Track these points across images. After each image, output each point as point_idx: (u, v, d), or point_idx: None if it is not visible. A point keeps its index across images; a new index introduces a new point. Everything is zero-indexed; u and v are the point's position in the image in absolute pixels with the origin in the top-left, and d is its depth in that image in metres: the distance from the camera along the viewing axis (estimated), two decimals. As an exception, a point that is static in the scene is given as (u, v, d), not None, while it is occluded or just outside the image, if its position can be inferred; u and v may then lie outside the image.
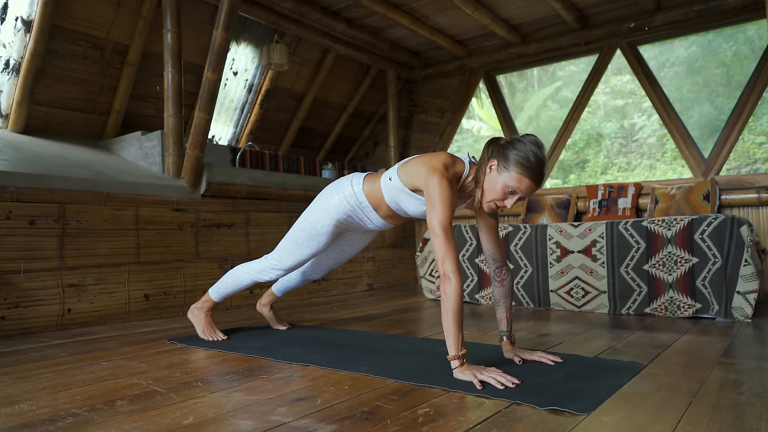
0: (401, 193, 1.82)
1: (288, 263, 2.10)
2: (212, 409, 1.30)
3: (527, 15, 4.09)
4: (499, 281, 1.83)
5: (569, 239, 3.04)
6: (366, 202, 1.93)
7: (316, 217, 1.99)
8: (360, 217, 1.99)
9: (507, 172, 1.59)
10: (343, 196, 1.94)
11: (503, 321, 1.81)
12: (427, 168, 1.65)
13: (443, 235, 1.56)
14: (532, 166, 1.58)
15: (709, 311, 2.62)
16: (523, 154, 1.58)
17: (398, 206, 1.88)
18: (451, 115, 5.01)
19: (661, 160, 4.83)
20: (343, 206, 1.95)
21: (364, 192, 1.92)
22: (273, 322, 2.51)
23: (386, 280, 4.57)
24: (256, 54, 4.25)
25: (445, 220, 1.58)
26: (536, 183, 1.61)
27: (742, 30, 3.92)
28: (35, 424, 1.22)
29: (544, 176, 1.63)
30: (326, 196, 2.00)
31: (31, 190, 2.54)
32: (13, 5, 3.05)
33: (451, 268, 1.54)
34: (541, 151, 1.60)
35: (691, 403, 1.29)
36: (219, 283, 2.27)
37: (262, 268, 2.16)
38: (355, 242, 2.28)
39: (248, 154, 4.07)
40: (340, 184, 1.98)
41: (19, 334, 2.44)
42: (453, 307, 1.52)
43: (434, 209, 1.60)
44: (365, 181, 1.94)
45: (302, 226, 2.04)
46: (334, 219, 1.97)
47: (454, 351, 1.52)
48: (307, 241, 2.03)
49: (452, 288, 1.52)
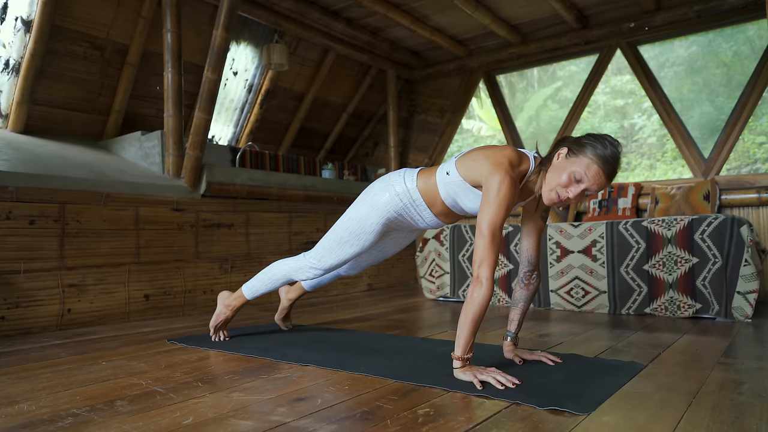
0: (460, 189, 1.69)
1: (329, 263, 1.96)
2: (212, 409, 1.30)
3: (527, 15, 4.09)
4: (526, 284, 1.78)
5: (569, 239, 3.04)
6: (420, 199, 1.78)
7: (364, 215, 1.84)
8: (411, 215, 1.84)
9: (577, 158, 1.50)
10: (395, 193, 1.79)
11: (514, 322, 1.78)
12: (491, 163, 1.55)
13: (490, 237, 1.49)
14: (606, 156, 1.48)
15: (709, 311, 2.62)
16: (600, 144, 1.49)
17: (455, 203, 1.76)
18: (451, 115, 5.01)
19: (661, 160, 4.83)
20: (394, 204, 1.80)
21: (418, 188, 1.77)
22: (282, 316, 2.44)
23: (386, 280, 4.57)
24: (256, 54, 4.25)
25: (496, 223, 1.50)
26: (608, 176, 1.50)
27: (742, 30, 3.91)
28: (35, 424, 1.22)
29: (616, 172, 1.52)
30: (374, 192, 1.84)
31: (31, 190, 2.54)
32: (13, 5, 3.05)
33: (486, 274, 1.47)
34: (618, 149, 1.51)
35: (691, 403, 1.29)
36: (254, 281, 2.15)
37: (300, 266, 2.02)
38: (400, 240, 2.12)
39: (248, 154, 4.07)
40: (391, 180, 1.83)
41: (19, 334, 2.44)
42: (476, 312, 1.48)
43: (489, 208, 1.51)
44: (419, 176, 1.79)
45: (348, 224, 1.87)
46: (384, 217, 1.82)
47: (461, 352, 1.50)
48: (352, 239, 1.87)
49: (481, 294, 1.47)
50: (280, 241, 3.70)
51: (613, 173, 1.51)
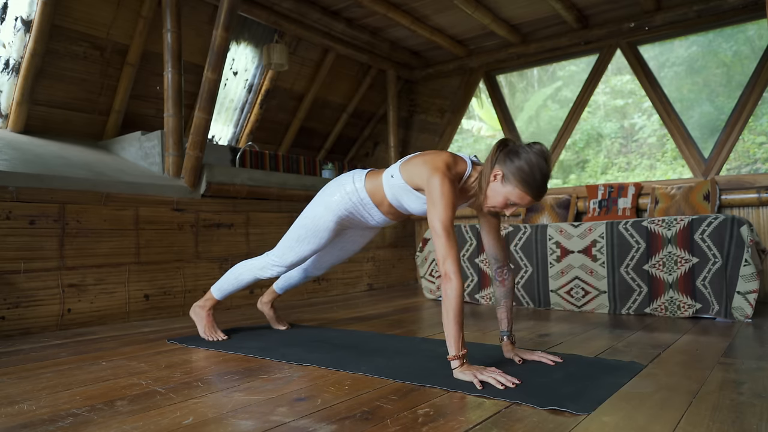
0: (403, 191, 1.81)
1: (289, 260, 2.10)
2: (212, 409, 1.30)
3: (527, 15, 4.09)
4: (501, 281, 1.83)
5: (569, 239, 3.04)
6: (368, 198, 1.93)
7: (318, 214, 1.99)
8: (362, 214, 1.99)
9: (510, 185, 1.59)
10: (345, 193, 1.94)
11: (504, 321, 1.81)
12: (429, 167, 1.65)
13: (444, 234, 1.56)
14: (536, 184, 1.57)
15: (709, 311, 2.62)
16: (528, 170, 1.56)
17: (400, 204, 1.88)
18: (451, 115, 5.01)
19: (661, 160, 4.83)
20: (344, 203, 1.95)
21: (366, 189, 1.92)
22: (273, 321, 2.51)
23: (386, 280, 4.57)
24: (256, 54, 4.25)
25: (446, 220, 1.57)
26: (537, 199, 1.61)
27: (742, 30, 3.92)
28: (35, 424, 1.22)
29: (546, 191, 1.63)
30: (328, 193, 2.00)
31: (31, 190, 2.54)
32: (13, 5, 3.05)
33: (452, 268, 1.54)
34: (547, 165, 1.59)
35: (691, 403, 1.29)
36: (221, 281, 2.27)
37: (264, 264, 2.16)
38: (357, 239, 2.28)
39: (248, 154, 4.07)
40: (342, 181, 1.98)
41: (19, 334, 2.44)
42: (453, 308, 1.52)
43: (435, 209, 1.59)
44: (367, 177, 1.94)
45: (304, 223, 2.03)
46: (336, 215, 1.97)
47: (454, 351, 1.52)
48: (309, 237, 2.03)
49: (453, 288, 1.52)
50: (280, 241, 3.70)
51: (543, 194, 1.62)
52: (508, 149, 1.63)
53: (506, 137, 1.66)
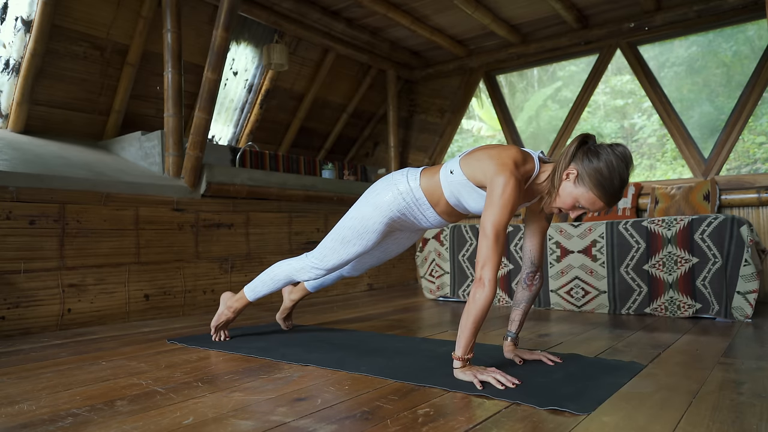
0: (463, 188, 1.67)
1: (331, 263, 1.94)
2: (212, 409, 1.30)
3: (527, 15, 4.09)
4: (529, 285, 1.77)
5: (569, 239, 3.04)
6: (423, 198, 1.76)
7: (366, 214, 1.82)
8: (415, 215, 1.82)
9: (584, 187, 1.49)
10: (398, 192, 1.77)
11: (515, 322, 1.78)
12: (496, 163, 1.52)
13: (494, 238, 1.48)
14: (612, 190, 1.48)
15: (709, 311, 2.62)
16: (607, 173, 1.46)
17: (458, 202, 1.74)
18: (451, 115, 5.01)
19: (661, 160, 4.83)
20: (397, 203, 1.78)
21: (422, 187, 1.76)
22: (283, 315, 2.43)
23: (386, 280, 4.57)
24: (256, 54, 4.25)
25: (500, 224, 1.48)
26: (610, 206, 1.52)
27: (742, 30, 3.91)
28: (35, 424, 1.22)
29: (620, 198, 1.52)
30: (377, 192, 1.82)
31: (31, 190, 2.54)
32: (13, 5, 3.05)
33: (489, 275, 1.46)
34: (628, 170, 1.48)
35: (691, 403, 1.29)
36: (255, 282, 2.14)
37: (302, 266, 2.01)
38: (403, 241, 2.10)
39: (248, 154, 4.07)
40: (394, 179, 1.81)
41: (19, 334, 2.44)
42: (477, 314, 1.47)
43: (493, 209, 1.49)
44: (422, 175, 1.77)
45: (350, 224, 1.86)
46: (387, 216, 1.80)
47: (461, 353, 1.50)
48: (355, 239, 1.86)
49: (484, 296, 1.46)
50: (280, 241, 3.70)
51: (617, 201, 1.52)
52: (588, 147, 1.52)
53: (587, 133, 1.55)
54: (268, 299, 3.53)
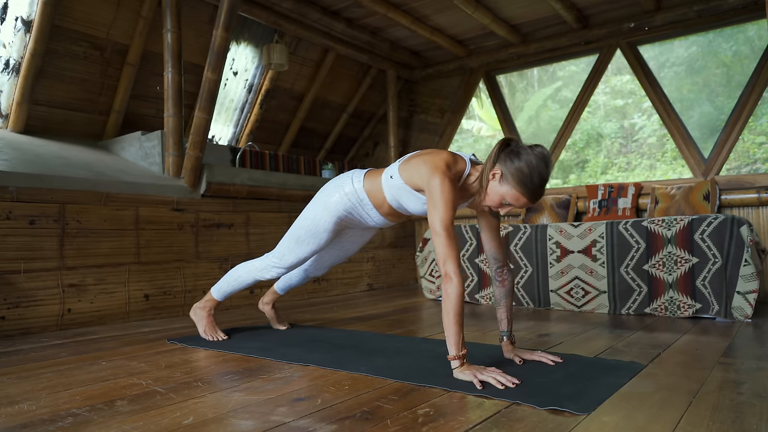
0: (402, 192, 1.80)
1: (289, 261, 2.09)
2: (212, 409, 1.30)
3: (527, 15, 4.09)
4: (500, 281, 1.83)
5: (569, 239, 3.04)
6: (367, 199, 1.91)
7: (317, 214, 1.98)
8: (361, 215, 1.97)
9: (508, 185, 1.59)
10: (344, 193, 1.93)
11: (503, 321, 1.81)
12: (429, 166, 1.64)
13: (445, 234, 1.56)
14: (533, 186, 1.57)
15: (709, 311, 2.62)
16: (527, 171, 1.56)
17: (399, 204, 1.87)
18: (451, 115, 5.01)
19: (661, 160, 4.83)
20: (343, 203, 1.93)
21: (365, 189, 1.90)
22: (273, 321, 2.51)
23: (386, 280, 4.57)
24: (256, 54, 4.25)
25: (446, 220, 1.57)
26: (532, 201, 1.61)
27: (742, 30, 3.92)
28: (35, 424, 1.22)
29: (542, 195, 1.63)
30: (326, 193, 1.98)
31: (31, 190, 2.54)
32: (13, 5, 3.05)
33: (452, 268, 1.53)
34: (546, 169, 1.58)
35: (691, 403, 1.29)
36: (221, 282, 2.27)
37: (264, 266, 2.15)
38: (356, 239, 2.28)
39: (248, 154, 4.07)
40: (341, 181, 1.96)
41: (19, 334, 2.44)
42: (454, 308, 1.52)
43: (436, 209, 1.59)
44: (366, 178, 1.92)
45: (303, 224, 2.02)
46: (335, 216, 1.96)
47: (454, 351, 1.52)
48: (308, 238, 2.02)
49: (453, 288, 1.52)
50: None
51: (539, 197, 1.62)
52: (510, 149, 1.62)
53: (509, 137, 1.69)
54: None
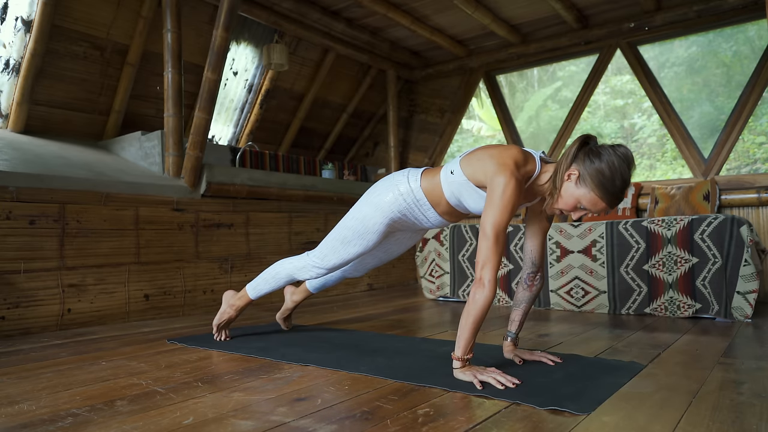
0: (464, 188, 1.67)
1: (332, 262, 1.95)
2: (212, 409, 1.30)
3: (527, 15, 4.09)
4: (529, 285, 1.77)
5: (569, 239, 3.04)
6: (424, 199, 1.76)
7: (367, 215, 1.82)
8: (416, 215, 1.82)
9: (586, 188, 1.49)
10: (399, 193, 1.77)
11: (515, 323, 1.78)
12: (497, 163, 1.52)
13: (494, 239, 1.47)
14: (614, 190, 1.47)
15: (709, 311, 2.62)
16: (609, 174, 1.46)
17: (459, 202, 1.74)
18: (451, 115, 5.01)
19: (661, 160, 4.83)
20: (398, 204, 1.78)
21: (422, 188, 1.75)
22: (284, 315, 2.42)
23: (386, 280, 4.57)
24: (256, 54, 4.25)
25: (500, 224, 1.48)
26: (612, 207, 1.51)
27: (742, 30, 3.91)
28: (35, 424, 1.22)
29: (622, 199, 1.52)
30: (378, 192, 1.82)
31: (31, 190, 2.54)
32: (13, 5, 3.05)
33: (489, 276, 1.46)
34: (630, 171, 1.48)
35: (691, 403, 1.29)
36: (257, 280, 2.14)
37: (303, 265, 2.01)
38: (404, 241, 2.10)
39: (248, 154, 4.07)
40: (395, 180, 1.81)
41: (19, 334, 2.44)
42: (477, 314, 1.47)
43: (493, 209, 1.49)
44: (423, 176, 1.77)
45: (351, 224, 1.86)
46: (388, 217, 1.80)
47: (461, 353, 1.50)
48: (356, 239, 1.86)
49: (483, 296, 1.46)
50: (280, 241, 3.70)
51: (619, 202, 1.52)
52: (589, 148, 1.52)
53: (588, 134, 1.56)
54: (269, 299, 3.53)
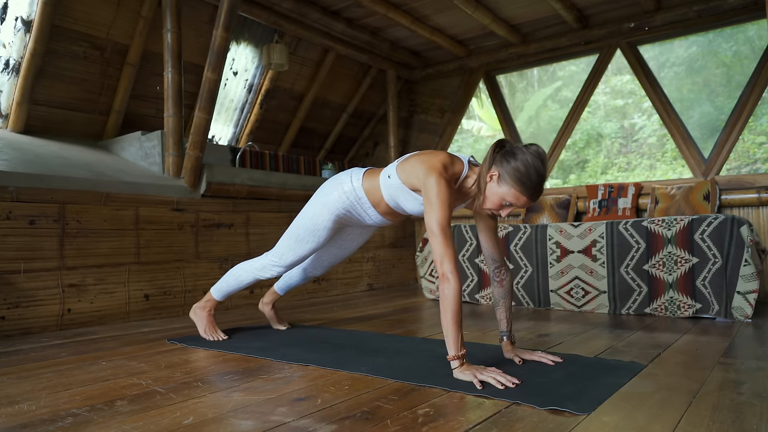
0: (400, 192, 1.81)
1: (289, 259, 2.10)
2: (212, 409, 1.30)
3: (527, 15, 4.09)
4: (499, 281, 1.83)
5: (569, 239, 3.04)
6: (365, 198, 1.93)
7: (316, 213, 2.00)
8: (359, 213, 1.99)
9: (506, 185, 1.60)
10: (342, 192, 1.95)
11: (503, 321, 1.81)
12: (426, 167, 1.65)
13: (441, 235, 1.56)
14: (531, 184, 1.58)
15: (709, 311, 2.62)
16: (524, 170, 1.57)
17: (397, 204, 1.88)
18: (451, 115, 5.01)
19: (661, 160, 4.83)
20: (342, 201, 1.95)
21: (363, 188, 1.92)
22: (273, 321, 2.51)
23: (386, 280, 4.57)
24: (256, 54, 4.25)
25: (443, 221, 1.58)
26: (533, 199, 1.62)
27: (742, 30, 3.92)
28: (35, 424, 1.22)
29: (542, 192, 1.63)
30: (325, 191, 2.00)
31: (31, 190, 2.54)
32: (13, 5, 3.05)
33: (449, 268, 1.54)
34: (543, 166, 1.59)
35: (691, 403, 1.29)
36: (220, 282, 2.27)
37: (263, 265, 2.16)
38: (355, 237, 2.28)
39: (248, 154, 4.07)
40: (340, 179, 1.98)
41: (19, 334, 2.44)
42: (452, 308, 1.53)
43: (432, 209, 1.59)
44: (365, 176, 1.93)
45: (302, 222, 2.04)
46: (334, 214, 1.97)
47: (453, 351, 1.53)
48: (307, 236, 2.03)
49: (451, 289, 1.53)
50: (280, 241, 3.70)
51: (539, 195, 1.62)
52: (505, 150, 1.63)
53: (503, 138, 1.71)
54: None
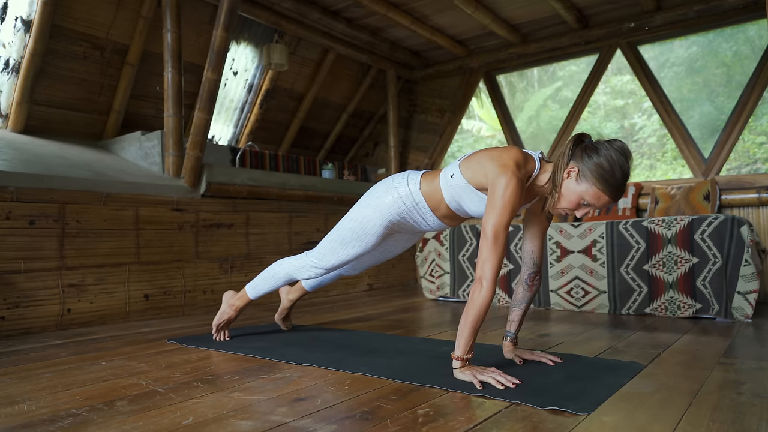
0: (464, 191, 1.66)
1: (330, 263, 1.95)
2: (212, 409, 1.30)
3: (527, 15, 4.09)
4: (529, 286, 1.77)
5: (569, 239, 3.04)
6: (423, 202, 1.75)
7: (366, 216, 1.82)
8: (415, 219, 1.81)
9: (587, 183, 1.49)
10: (398, 196, 1.77)
11: (514, 323, 1.78)
12: (498, 164, 1.52)
13: (494, 239, 1.48)
14: (615, 183, 1.47)
15: (710, 311, 2.62)
16: (608, 167, 1.46)
17: (459, 206, 1.73)
18: (451, 115, 5.01)
19: (662, 160, 4.83)
20: (397, 206, 1.77)
21: (422, 191, 1.74)
22: (282, 315, 2.43)
23: (386, 280, 4.57)
24: (256, 54, 4.25)
25: (501, 225, 1.48)
26: (615, 200, 1.51)
27: (742, 30, 3.91)
28: (35, 424, 1.22)
29: (624, 192, 1.52)
30: (378, 194, 1.81)
31: (31, 190, 2.54)
32: (13, 5, 3.05)
33: (489, 275, 1.47)
34: (627, 163, 1.48)
35: (691, 403, 1.29)
36: (256, 280, 2.16)
37: (302, 265, 2.02)
38: (402, 242, 2.10)
39: (248, 154, 4.07)
40: (394, 183, 1.80)
41: (19, 334, 2.44)
42: (476, 314, 1.47)
43: (494, 210, 1.49)
44: (423, 179, 1.77)
45: (350, 226, 1.85)
46: (386, 219, 1.80)
47: (460, 352, 1.50)
48: (354, 240, 1.86)
49: (482, 296, 1.46)
50: (280, 241, 3.70)
51: (621, 194, 1.51)
52: (585, 145, 1.53)
53: (582, 132, 1.57)
54: (269, 299, 3.53)
